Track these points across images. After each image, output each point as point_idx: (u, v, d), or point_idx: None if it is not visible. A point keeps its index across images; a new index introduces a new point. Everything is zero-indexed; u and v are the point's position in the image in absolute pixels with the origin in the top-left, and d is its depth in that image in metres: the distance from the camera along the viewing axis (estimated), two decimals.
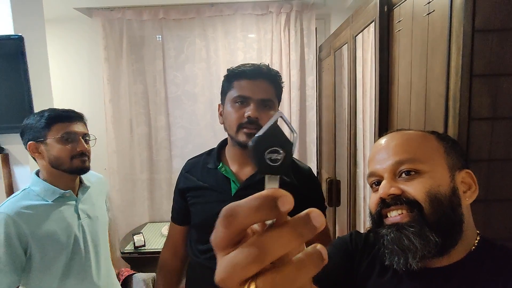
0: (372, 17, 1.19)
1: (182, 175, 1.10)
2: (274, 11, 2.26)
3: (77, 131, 1.08)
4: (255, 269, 0.23)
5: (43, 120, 1.04)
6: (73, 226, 1.09)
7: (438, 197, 0.53)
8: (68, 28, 2.36)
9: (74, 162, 1.07)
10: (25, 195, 1.05)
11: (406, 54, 1.01)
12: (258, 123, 0.93)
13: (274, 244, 0.23)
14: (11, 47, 1.44)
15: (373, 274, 0.62)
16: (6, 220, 0.97)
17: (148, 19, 2.29)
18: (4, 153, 1.55)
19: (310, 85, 2.35)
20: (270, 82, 0.97)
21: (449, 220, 0.53)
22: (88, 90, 2.44)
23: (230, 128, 0.97)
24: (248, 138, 0.94)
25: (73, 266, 1.08)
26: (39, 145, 1.06)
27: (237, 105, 0.95)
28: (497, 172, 0.74)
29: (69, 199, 1.10)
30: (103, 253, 1.20)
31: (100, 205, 1.23)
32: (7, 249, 0.97)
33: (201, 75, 2.36)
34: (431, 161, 0.55)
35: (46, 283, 1.05)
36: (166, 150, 2.44)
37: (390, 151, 0.58)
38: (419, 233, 0.52)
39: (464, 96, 0.72)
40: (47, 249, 1.03)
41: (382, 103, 1.16)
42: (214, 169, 1.02)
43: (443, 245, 0.52)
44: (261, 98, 0.94)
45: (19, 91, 1.46)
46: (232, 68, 1.00)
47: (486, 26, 0.70)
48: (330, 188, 2.01)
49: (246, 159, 1.02)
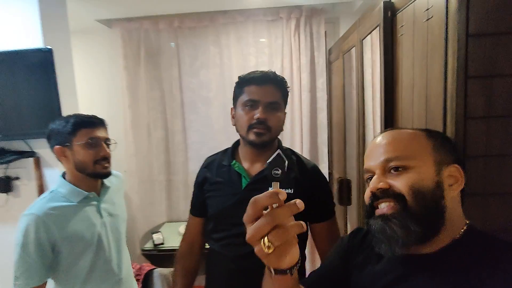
0: (377, 22, 1.25)
1: (201, 170, 1.21)
2: (284, 16, 2.33)
3: (100, 136, 1.14)
4: (266, 229, 0.45)
5: (69, 125, 1.10)
6: (96, 224, 1.16)
7: (421, 191, 0.58)
8: (90, 39, 2.51)
9: (96, 167, 1.13)
10: (53, 197, 1.12)
11: (408, 57, 1.06)
12: (266, 123, 1.03)
13: (276, 215, 0.46)
14: (42, 58, 1.56)
15: (369, 264, 0.69)
16: (36, 221, 1.05)
17: (164, 28, 2.41)
18: (36, 157, 1.68)
19: (320, 88, 2.40)
20: (277, 86, 1.07)
21: (431, 211, 0.59)
22: (109, 97, 2.57)
23: (241, 129, 1.07)
24: (258, 137, 1.03)
25: (98, 261, 1.16)
26: (65, 150, 1.12)
27: (247, 108, 1.04)
28: (493, 167, 0.78)
29: (92, 199, 1.18)
30: (123, 248, 1.28)
31: (120, 203, 1.31)
32: (37, 248, 1.05)
33: (215, 80, 2.45)
34: (417, 158, 0.61)
35: (73, 277, 1.14)
36: (182, 153, 2.54)
37: (381, 149, 0.64)
38: (401, 223, 0.58)
39: (460, 96, 0.78)
40: (74, 246, 1.11)
41: (388, 104, 1.21)
42: (228, 166, 1.12)
43: (424, 234, 0.58)
44: (269, 101, 1.04)
45: (49, 99, 1.58)
46: (243, 75, 1.09)
47: (479, 31, 0.75)
48: (341, 187, 2.05)
49: (256, 157, 1.10)
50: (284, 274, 0.51)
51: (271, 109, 1.04)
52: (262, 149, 1.08)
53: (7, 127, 1.61)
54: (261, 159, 1.09)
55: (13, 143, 1.67)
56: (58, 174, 1.70)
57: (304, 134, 2.41)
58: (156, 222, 2.56)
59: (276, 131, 1.08)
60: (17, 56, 1.57)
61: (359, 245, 0.72)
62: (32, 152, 1.67)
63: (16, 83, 1.59)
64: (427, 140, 0.64)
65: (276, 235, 0.44)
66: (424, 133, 0.65)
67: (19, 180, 1.68)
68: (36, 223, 1.04)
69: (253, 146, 1.07)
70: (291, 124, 2.43)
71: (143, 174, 2.51)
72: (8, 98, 1.60)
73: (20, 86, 1.59)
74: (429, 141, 0.63)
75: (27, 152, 1.67)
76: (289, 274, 0.51)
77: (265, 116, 1.02)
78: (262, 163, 1.09)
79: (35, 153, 1.68)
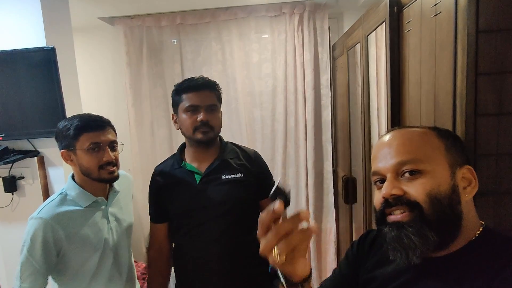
0: (382, 18, 1.23)
1: (154, 180, 1.32)
2: (287, 12, 2.31)
3: (104, 139, 1.09)
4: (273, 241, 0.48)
5: (71, 130, 1.06)
6: (103, 230, 1.15)
7: (438, 198, 0.56)
8: (92, 37, 2.50)
9: (101, 173, 1.09)
10: (62, 200, 1.11)
11: (415, 54, 1.04)
12: (208, 124, 1.17)
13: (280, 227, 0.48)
14: (45, 57, 1.56)
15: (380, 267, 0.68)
16: (45, 225, 1.04)
17: (166, 25, 2.39)
18: (40, 156, 1.68)
19: (324, 84, 2.38)
20: (211, 90, 1.21)
21: (448, 218, 0.56)
22: (112, 95, 2.57)
23: (187, 131, 1.20)
24: (204, 135, 1.17)
25: (103, 266, 1.15)
26: (70, 154, 1.10)
27: (190, 113, 1.17)
28: (505, 165, 0.77)
29: (100, 204, 1.16)
30: (128, 252, 1.28)
31: (127, 206, 1.30)
32: (43, 252, 1.04)
33: (218, 77, 2.43)
34: (432, 161, 0.57)
35: (78, 282, 1.13)
36: None
37: (392, 151, 0.60)
38: (418, 232, 0.55)
39: (470, 93, 0.76)
40: (80, 251, 1.09)
41: (394, 101, 1.19)
42: (179, 168, 1.25)
43: (441, 242, 0.56)
44: (207, 104, 1.17)
45: (52, 98, 1.58)
46: (179, 83, 1.22)
47: (490, 27, 0.73)
48: (346, 185, 2.04)
49: (203, 155, 1.24)
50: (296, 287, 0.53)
51: (210, 110, 1.18)
52: (208, 147, 1.23)
53: (11, 127, 1.61)
54: (207, 157, 1.24)
55: (17, 142, 1.67)
56: (62, 173, 1.72)
57: (308, 132, 2.40)
58: None
59: (217, 129, 1.22)
60: (20, 55, 1.57)
61: (369, 249, 0.71)
62: (36, 152, 1.67)
63: (19, 83, 1.59)
64: (439, 141, 0.60)
65: (282, 244, 0.48)
66: (435, 133, 0.62)
67: (23, 180, 1.68)
68: (44, 227, 1.03)
69: (200, 144, 1.20)
70: (295, 121, 2.41)
71: (148, 173, 2.47)
72: (12, 98, 1.59)
73: (23, 85, 1.59)
74: (441, 141, 0.60)
75: (31, 151, 1.67)
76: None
77: (207, 118, 1.16)
78: (209, 160, 1.23)
79: (39, 152, 1.69)
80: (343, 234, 2.33)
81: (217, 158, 1.23)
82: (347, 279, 0.73)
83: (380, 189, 0.62)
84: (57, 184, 1.71)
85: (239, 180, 1.20)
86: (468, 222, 0.58)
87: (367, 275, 0.69)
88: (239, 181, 1.20)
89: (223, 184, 1.19)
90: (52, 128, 1.62)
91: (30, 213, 1.71)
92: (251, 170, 1.24)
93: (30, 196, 1.69)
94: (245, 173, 1.22)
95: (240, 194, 1.19)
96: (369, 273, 0.69)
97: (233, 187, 1.19)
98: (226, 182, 1.19)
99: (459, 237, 0.58)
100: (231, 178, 1.20)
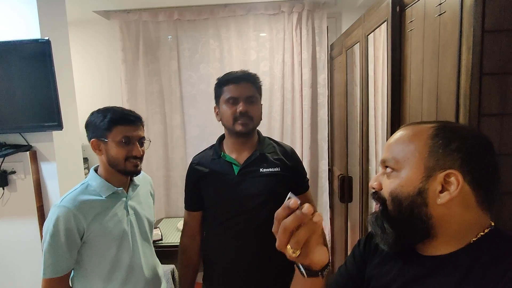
0: (384, 17, 1.23)
1: (192, 168, 1.31)
2: (286, 10, 2.30)
3: (135, 134, 1.14)
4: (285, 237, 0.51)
5: (105, 120, 1.11)
6: (123, 221, 1.17)
7: (398, 197, 0.60)
8: (87, 30, 2.45)
9: (127, 165, 1.14)
10: (84, 189, 1.14)
11: (418, 53, 1.04)
12: (248, 114, 1.19)
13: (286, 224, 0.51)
14: (39, 50, 1.51)
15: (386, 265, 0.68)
16: (67, 213, 1.06)
17: (163, 21, 2.36)
18: (32, 150, 1.64)
19: (321, 83, 2.39)
20: (251, 83, 1.24)
21: (406, 217, 0.60)
22: (107, 90, 2.53)
23: (227, 122, 1.22)
24: (244, 126, 1.19)
25: (121, 258, 1.15)
26: (100, 143, 1.13)
27: (230, 104, 1.21)
28: (508, 166, 0.77)
29: (120, 196, 1.18)
30: (149, 248, 1.28)
31: (147, 203, 1.32)
32: (67, 239, 1.06)
33: (215, 75, 2.39)
34: (406, 162, 0.60)
35: (95, 275, 1.13)
36: (181, 148, 2.51)
37: (387, 146, 0.65)
38: (380, 224, 0.63)
39: (474, 93, 0.76)
40: (100, 242, 1.12)
41: (395, 101, 1.19)
42: (218, 158, 1.27)
43: (400, 236, 0.61)
44: (247, 96, 1.20)
45: (46, 92, 1.54)
46: (220, 77, 1.26)
47: (496, 27, 0.73)
48: (342, 184, 2.04)
49: (242, 147, 1.26)
50: (316, 276, 0.55)
51: (250, 102, 1.21)
52: (247, 138, 1.25)
53: (3, 120, 1.56)
54: (246, 148, 1.26)
55: (9, 136, 1.63)
56: (55, 168, 1.68)
57: (304, 130, 2.40)
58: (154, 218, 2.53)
59: (257, 120, 1.24)
60: (14, 47, 1.52)
61: (376, 246, 0.71)
62: (28, 146, 1.63)
63: (12, 75, 1.54)
64: (426, 142, 0.59)
65: (293, 241, 0.50)
66: (432, 132, 0.60)
67: (15, 174, 1.64)
68: (66, 214, 1.06)
69: (240, 135, 1.23)
70: (292, 120, 2.41)
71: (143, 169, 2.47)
72: (4, 90, 1.55)
73: (17, 77, 1.54)
74: (429, 143, 0.59)
75: (23, 145, 1.63)
76: (320, 277, 0.55)
77: (246, 109, 1.19)
78: (248, 152, 1.25)
79: (32, 146, 1.64)
80: (338, 233, 2.33)
81: (256, 151, 1.25)
82: (353, 276, 0.73)
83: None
84: (49, 179, 1.67)
85: (276, 174, 1.23)
86: (453, 224, 0.58)
87: (373, 272, 0.69)
88: (276, 175, 1.23)
89: (260, 177, 1.21)
90: (46, 123, 1.60)
91: (21, 208, 1.69)
92: (288, 165, 1.26)
93: (21, 191, 1.65)
94: (282, 168, 1.24)
95: (276, 188, 1.21)
96: (374, 270, 0.69)
97: (270, 180, 1.21)
98: (264, 175, 1.22)
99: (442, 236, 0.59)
100: (268, 172, 1.22)
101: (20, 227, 1.67)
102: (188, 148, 2.52)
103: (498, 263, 0.54)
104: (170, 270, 1.81)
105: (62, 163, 1.70)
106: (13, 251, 1.69)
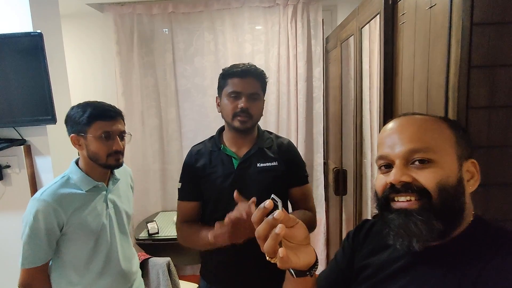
0: (377, 10, 1.23)
1: (191, 157, 1.29)
2: (281, 3, 2.29)
3: (115, 129, 1.14)
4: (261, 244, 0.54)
5: (85, 116, 1.10)
6: (102, 215, 1.17)
7: (446, 188, 0.56)
8: (81, 23, 2.43)
9: (109, 160, 1.14)
10: (64, 183, 1.14)
11: (409, 46, 1.05)
12: (248, 112, 1.16)
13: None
14: (31, 43, 1.50)
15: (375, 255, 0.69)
16: (47, 208, 1.07)
17: (157, 13, 2.34)
18: (27, 145, 1.64)
19: (317, 77, 2.38)
20: (257, 79, 1.19)
21: (453, 209, 0.57)
22: (102, 84, 2.51)
23: (227, 116, 1.20)
24: (242, 124, 1.17)
25: (99, 250, 1.17)
26: (80, 138, 1.13)
27: (232, 99, 1.17)
28: (496, 158, 0.78)
29: (101, 189, 1.19)
30: (127, 241, 1.29)
31: (127, 197, 1.32)
32: (46, 232, 1.08)
33: (210, 68, 2.41)
34: (443, 151, 0.57)
35: (72, 267, 1.15)
36: (177, 142, 2.51)
37: (404, 137, 0.59)
38: (426, 220, 0.56)
39: (463, 86, 0.77)
40: (79, 234, 1.13)
41: (387, 94, 1.20)
42: (217, 151, 1.24)
43: (444, 231, 0.57)
44: (250, 92, 1.17)
45: (39, 85, 1.53)
46: (227, 68, 1.22)
47: (484, 20, 0.74)
48: (337, 177, 2.06)
49: (241, 140, 1.24)
50: (304, 276, 0.56)
51: (252, 99, 1.17)
52: (246, 133, 1.23)
53: None
54: (245, 143, 1.24)
55: (2, 130, 1.63)
56: (50, 162, 1.68)
57: (299, 124, 2.40)
58: (150, 212, 2.54)
59: (256, 118, 1.22)
60: (6, 41, 1.51)
61: (364, 238, 0.72)
62: (22, 140, 1.63)
63: (4, 69, 1.53)
64: (450, 132, 0.60)
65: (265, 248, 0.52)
66: (446, 124, 0.61)
67: (9, 168, 1.64)
68: (46, 209, 1.07)
69: (238, 131, 1.21)
70: (287, 113, 2.41)
71: (137, 163, 2.48)
72: None
73: (9, 71, 1.53)
74: (452, 132, 0.60)
75: (17, 140, 1.62)
76: (309, 276, 0.56)
77: (248, 106, 1.16)
78: (247, 146, 1.24)
79: (26, 140, 1.64)
80: (333, 225, 2.36)
81: (255, 145, 1.24)
82: (343, 270, 0.74)
83: (384, 173, 0.61)
84: (44, 173, 1.67)
85: (272, 169, 1.23)
86: (467, 213, 0.59)
87: (361, 262, 0.70)
88: (272, 169, 1.22)
89: (257, 172, 1.21)
90: (39, 117, 1.60)
91: (16, 202, 1.69)
92: (283, 158, 1.25)
93: (16, 185, 1.65)
94: (279, 161, 1.23)
95: (271, 182, 1.21)
96: (363, 261, 0.70)
97: (266, 175, 1.21)
98: (261, 170, 1.21)
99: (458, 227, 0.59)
100: (265, 167, 1.22)
101: (15, 220, 1.67)
102: (184, 142, 2.52)
103: (482, 251, 0.55)
104: (166, 262, 1.82)
105: (57, 156, 1.70)
106: (8, 245, 1.69)
